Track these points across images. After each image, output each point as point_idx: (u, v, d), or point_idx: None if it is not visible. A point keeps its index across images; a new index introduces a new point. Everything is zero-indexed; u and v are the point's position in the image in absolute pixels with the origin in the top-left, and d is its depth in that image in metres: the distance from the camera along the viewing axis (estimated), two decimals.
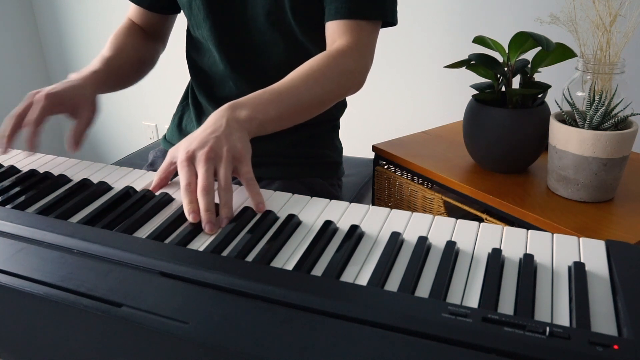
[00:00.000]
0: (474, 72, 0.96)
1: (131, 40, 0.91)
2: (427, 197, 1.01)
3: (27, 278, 0.45)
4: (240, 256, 0.49)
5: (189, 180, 0.58)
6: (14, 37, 2.29)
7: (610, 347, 0.35)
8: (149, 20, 0.95)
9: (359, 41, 0.78)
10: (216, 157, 0.60)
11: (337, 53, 0.77)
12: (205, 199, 0.56)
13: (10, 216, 0.54)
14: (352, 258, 0.49)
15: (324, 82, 0.75)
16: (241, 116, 0.65)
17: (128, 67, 0.89)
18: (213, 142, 0.60)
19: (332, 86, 0.76)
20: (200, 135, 0.62)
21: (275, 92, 0.70)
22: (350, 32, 0.78)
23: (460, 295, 0.43)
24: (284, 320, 0.39)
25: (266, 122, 0.68)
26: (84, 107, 0.73)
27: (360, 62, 0.79)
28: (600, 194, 0.83)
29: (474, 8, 1.41)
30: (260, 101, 0.68)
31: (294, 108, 0.72)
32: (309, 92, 0.73)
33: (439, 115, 1.56)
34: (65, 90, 0.71)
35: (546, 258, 0.47)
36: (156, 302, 0.41)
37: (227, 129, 0.63)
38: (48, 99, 0.69)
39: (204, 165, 0.58)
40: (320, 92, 0.75)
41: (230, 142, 0.61)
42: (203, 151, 0.59)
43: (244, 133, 0.64)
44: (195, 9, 0.86)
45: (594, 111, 0.79)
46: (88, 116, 0.74)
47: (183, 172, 0.59)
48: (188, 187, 0.57)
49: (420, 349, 0.36)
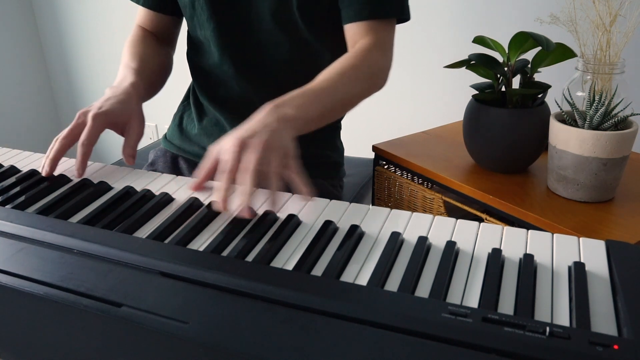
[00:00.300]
0: (474, 72, 0.96)
1: (150, 48, 0.90)
2: (427, 197, 1.01)
3: (27, 278, 0.45)
4: (240, 256, 0.49)
5: (232, 167, 0.57)
6: (14, 37, 2.29)
7: (610, 347, 0.35)
8: (159, 23, 0.94)
9: (381, 39, 0.81)
10: (268, 148, 0.59)
11: (365, 52, 0.78)
12: (245, 181, 0.55)
13: (10, 216, 0.54)
14: (352, 258, 0.49)
15: (357, 80, 0.76)
16: (288, 115, 0.65)
17: (155, 76, 0.88)
18: (264, 135, 0.60)
19: (364, 84, 0.78)
20: (249, 128, 0.61)
21: (315, 92, 0.71)
22: (373, 31, 0.80)
23: (460, 295, 0.43)
24: (284, 320, 0.39)
25: (309, 121, 0.69)
26: (133, 121, 0.72)
27: (385, 59, 0.82)
28: (600, 194, 0.83)
29: (474, 8, 1.41)
30: (303, 100, 0.69)
31: (332, 106, 0.73)
32: (345, 90, 0.75)
33: (439, 115, 1.56)
34: (113, 109, 0.70)
35: (546, 258, 0.47)
36: (156, 302, 0.41)
37: (278, 125, 0.62)
38: (98, 118, 0.68)
39: (255, 151, 0.57)
40: (354, 90, 0.77)
41: (282, 138, 0.61)
42: (257, 140, 0.59)
43: (291, 132, 0.64)
44: (199, 9, 0.86)
45: (594, 111, 0.79)
46: (138, 129, 0.73)
47: (230, 157, 0.58)
48: (224, 173, 0.57)
49: (420, 349, 0.36)
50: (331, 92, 0.73)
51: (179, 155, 0.99)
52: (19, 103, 2.37)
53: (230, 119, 0.92)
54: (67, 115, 2.53)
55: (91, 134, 0.67)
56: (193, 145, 0.96)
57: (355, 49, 0.79)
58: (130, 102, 0.73)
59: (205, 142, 0.95)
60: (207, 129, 0.94)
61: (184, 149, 0.98)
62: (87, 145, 0.66)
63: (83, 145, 0.66)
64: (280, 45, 0.86)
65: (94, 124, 0.67)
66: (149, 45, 0.90)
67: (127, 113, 0.72)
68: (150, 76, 0.86)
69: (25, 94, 2.39)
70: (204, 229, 0.55)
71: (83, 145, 0.66)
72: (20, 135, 2.41)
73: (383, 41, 0.81)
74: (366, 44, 0.79)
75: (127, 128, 0.72)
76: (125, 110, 0.72)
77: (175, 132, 1.00)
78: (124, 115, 0.72)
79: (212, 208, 0.57)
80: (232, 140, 0.59)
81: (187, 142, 0.97)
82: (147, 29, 0.95)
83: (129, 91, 0.75)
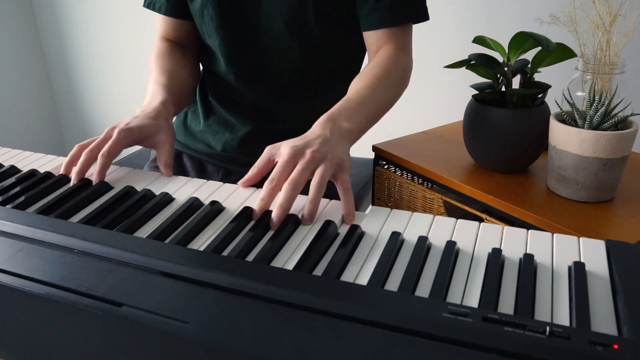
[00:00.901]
0: (474, 72, 0.96)
1: (177, 61, 0.89)
2: (427, 197, 1.01)
3: (28, 278, 0.45)
4: (241, 256, 0.49)
5: (279, 176, 0.58)
6: (14, 37, 2.29)
7: (610, 347, 0.35)
8: (180, 30, 0.93)
9: (404, 43, 0.84)
10: (321, 159, 0.60)
11: (393, 57, 0.81)
12: (287, 194, 0.56)
13: (10, 216, 0.54)
14: (352, 258, 0.49)
15: (392, 85, 0.80)
16: (343, 127, 0.67)
17: (185, 89, 0.88)
18: (320, 145, 0.61)
19: (397, 88, 0.82)
20: (307, 137, 0.62)
21: (360, 101, 0.73)
22: (396, 37, 0.83)
23: (460, 295, 0.43)
24: (284, 320, 0.39)
25: (360, 131, 0.71)
26: (163, 134, 0.73)
27: (409, 62, 0.85)
28: (600, 194, 0.83)
29: (474, 8, 1.41)
30: (352, 112, 0.71)
31: (375, 114, 0.76)
32: (384, 97, 0.78)
33: (439, 115, 1.56)
34: (140, 125, 0.71)
35: (546, 258, 0.47)
36: (156, 301, 0.41)
37: (334, 138, 0.64)
38: (122, 134, 0.68)
39: (306, 163, 0.58)
40: (391, 95, 0.80)
41: (336, 150, 0.62)
42: (311, 150, 0.60)
43: (347, 145, 0.66)
44: (207, 18, 0.85)
45: (594, 111, 0.79)
46: (170, 140, 0.74)
47: (282, 165, 0.59)
48: (272, 182, 0.57)
49: (420, 348, 0.36)
50: (372, 99, 0.75)
51: (183, 152, 0.99)
52: (19, 103, 2.37)
53: (241, 121, 0.92)
54: (67, 115, 2.53)
55: (113, 148, 0.67)
56: (198, 142, 0.97)
57: (383, 56, 0.81)
58: (159, 119, 0.74)
59: (210, 140, 0.95)
60: (213, 127, 0.94)
61: (189, 146, 0.98)
62: (107, 157, 0.66)
63: (103, 156, 0.66)
64: (290, 53, 0.86)
65: (118, 138, 0.68)
66: (175, 58, 0.89)
67: (156, 129, 0.73)
68: (181, 90, 0.85)
69: (25, 94, 2.39)
70: (204, 229, 0.55)
71: (103, 156, 0.66)
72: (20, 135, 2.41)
73: (405, 44, 0.84)
74: (392, 50, 0.82)
75: (157, 141, 0.73)
76: (153, 127, 0.72)
77: (179, 129, 1.00)
78: (151, 132, 0.72)
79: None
80: (288, 148, 0.60)
81: (192, 139, 0.97)
82: (170, 40, 0.93)
83: (159, 109, 0.76)
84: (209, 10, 0.84)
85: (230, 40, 0.86)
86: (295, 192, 0.56)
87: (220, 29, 0.85)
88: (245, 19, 0.85)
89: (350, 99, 0.73)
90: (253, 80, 0.89)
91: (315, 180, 0.58)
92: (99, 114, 2.43)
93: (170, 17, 0.91)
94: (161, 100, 0.78)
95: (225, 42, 0.86)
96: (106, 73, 2.29)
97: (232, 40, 0.86)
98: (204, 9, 0.85)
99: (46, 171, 0.68)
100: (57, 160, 0.73)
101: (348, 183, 0.61)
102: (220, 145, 0.93)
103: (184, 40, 0.94)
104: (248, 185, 0.63)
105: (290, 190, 0.56)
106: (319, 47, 0.86)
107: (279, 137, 0.95)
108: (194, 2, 0.86)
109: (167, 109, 0.77)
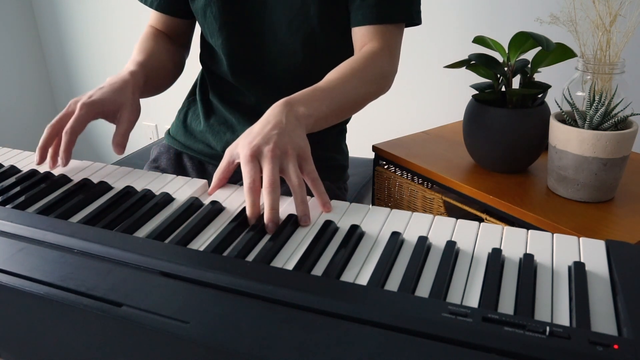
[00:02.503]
0: (474, 72, 0.96)
1: (160, 45, 0.89)
2: (427, 197, 1.01)
3: (28, 278, 0.45)
4: (241, 256, 0.49)
5: (253, 177, 0.57)
6: (14, 37, 2.29)
7: (610, 347, 0.35)
8: (172, 26, 0.93)
9: (388, 44, 0.81)
10: (282, 155, 0.59)
11: (373, 55, 0.78)
12: (271, 197, 0.55)
13: (10, 216, 0.54)
14: (352, 258, 0.49)
15: (366, 82, 0.76)
16: (299, 112, 0.65)
17: (162, 71, 0.87)
18: (277, 138, 0.59)
19: (372, 86, 0.78)
20: (262, 130, 0.61)
21: (326, 90, 0.71)
22: (380, 36, 0.80)
23: (460, 295, 0.43)
24: (284, 320, 0.39)
25: (320, 119, 0.69)
26: (125, 109, 0.71)
27: (391, 64, 0.82)
28: (600, 194, 0.83)
29: (474, 8, 1.41)
30: (314, 98, 0.69)
31: (341, 105, 0.73)
32: (354, 91, 0.75)
33: (439, 115, 1.56)
34: (104, 96, 0.69)
35: (546, 258, 0.47)
36: (156, 301, 0.41)
37: (289, 125, 0.62)
38: (85, 108, 0.67)
39: (271, 161, 0.57)
40: (363, 92, 0.76)
41: (293, 139, 0.61)
42: (269, 147, 0.58)
43: (303, 130, 0.64)
44: (210, 17, 0.85)
45: (594, 111, 0.79)
46: (130, 118, 0.72)
47: (248, 168, 0.58)
48: (252, 185, 0.56)
49: (420, 348, 0.36)
50: (340, 91, 0.73)
51: (184, 153, 0.99)
52: (19, 103, 2.37)
53: (242, 121, 0.92)
54: None
55: (76, 123, 0.66)
56: (198, 142, 0.96)
57: (363, 52, 0.79)
58: (124, 91, 0.72)
59: (210, 140, 0.95)
60: (213, 127, 0.94)
61: (189, 146, 0.97)
62: (71, 133, 0.65)
63: (66, 134, 0.65)
64: (293, 54, 0.86)
65: (81, 113, 0.67)
66: (158, 42, 0.89)
67: (120, 102, 0.71)
68: (157, 70, 0.84)
69: (25, 94, 2.39)
70: (204, 229, 0.55)
71: (66, 134, 0.65)
72: (20, 135, 2.41)
73: (391, 46, 0.81)
74: (373, 48, 0.79)
75: (119, 116, 0.71)
76: (117, 99, 0.71)
77: (179, 129, 0.99)
78: (115, 104, 0.70)
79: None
80: (246, 148, 0.59)
81: (192, 139, 0.97)
82: (159, 29, 0.94)
83: (126, 79, 0.74)
84: (212, 10, 0.84)
85: (233, 41, 0.86)
86: (278, 192, 0.56)
87: (223, 29, 0.85)
88: (249, 19, 0.84)
89: (317, 87, 0.71)
90: (255, 81, 0.89)
91: (294, 182, 0.57)
92: None
93: (161, 13, 0.91)
94: (130, 71, 0.76)
95: (228, 42, 0.86)
96: (106, 73, 2.29)
97: (235, 40, 0.86)
98: (207, 8, 0.84)
99: (46, 171, 0.68)
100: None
101: (315, 172, 0.60)
102: (221, 145, 0.93)
103: (173, 34, 0.94)
104: (213, 192, 0.63)
105: (272, 192, 0.55)
106: (321, 46, 0.86)
107: None
108: (195, 0, 0.85)
109: (134, 80, 0.75)
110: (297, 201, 0.56)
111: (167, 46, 0.90)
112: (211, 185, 0.63)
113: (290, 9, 0.82)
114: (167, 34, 0.94)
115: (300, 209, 0.56)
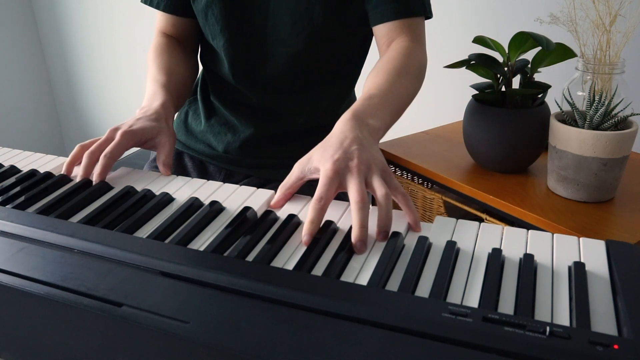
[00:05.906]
0: (474, 72, 0.96)
1: (176, 58, 0.88)
2: (427, 197, 1.01)
3: (28, 278, 0.45)
4: (241, 256, 0.49)
5: (327, 194, 0.54)
6: (14, 37, 2.29)
7: (610, 347, 0.35)
8: (180, 27, 0.92)
9: (418, 36, 0.81)
10: (367, 170, 0.56)
11: (407, 50, 0.78)
12: (362, 213, 0.52)
13: (10, 216, 0.54)
14: (352, 258, 0.49)
15: (411, 78, 0.76)
16: (371, 126, 0.64)
17: (183, 87, 0.87)
18: (359, 153, 0.57)
19: (418, 82, 0.78)
20: (342, 145, 0.58)
21: (383, 97, 0.70)
22: (408, 29, 0.80)
23: (460, 295, 0.43)
24: (284, 320, 0.39)
25: (385, 129, 0.68)
26: (162, 135, 0.73)
27: (424, 55, 0.82)
28: (600, 194, 0.83)
29: (474, 8, 1.41)
30: (377, 109, 0.67)
31: (399, 109, 0.73)
32: (405, 91, 0.74)
33: (439, 115, 1.56)
34: (143, 127, 0.71)
35: (546, 258, 0.47)
36: (156, 301, 0.41)
37: (365, 140, 0.60)
38: (126, 136, 0.68)
39: (357, 176, 0.55)
40: (412, 89, 0.76)
41: (373, 155, 0.59)
42: (354, 164, 0.56)
43: (377, 144, 0.63)
44: (212, 19, 0.84)
45: (594, 111, 0.79)
46: (170, 141, 0.73)
47: (327, 182, 0.55)
48: (319, 202, 0.53)
49: (420, 348, 0.36)
50: (394, 94, 0.72)
51: (184, 152, 0.99)
52: (19, 103, 2.37)
53: (243, 122, 0.92)
54: (67, 115, 2.53)
55: (115, 149, 0.67)
56: (198, 142, 0.96)
57: (397, 48, 0.78)
58: (159, 121, 0.74)
59: (211, 140, 0.95)
60: (214, 127, 0.94)
61: (190, 146, 0.97)
62: (109, 158, 0.66)
63: (105, 157, 0.66)
64: (296, 55, 0.85)
65: (121, 140, 0.68)
66: (173, 54, 0.89)
67: (157, 131, 0.73)
68: (178, 88, 0.85)
69: (25, 94, 2.40)
70: (204, 229, 0.55)
71: (105, 157, 0.66)
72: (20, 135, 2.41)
73: (420, 38, 0.82)
74: (405, 42, 0.79)
75: (158, 142, 0.73)
76: (154, 129, 0.73)
77: (180, 128, 1.00)
78: (153, 133, 0.73)
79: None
80: (329, 162, 0.56)
81: (193, 139, 0.97)
82: (169, 35, 0.93)
83: (159, 111, 0.76)
84: (214, 11, 0.83)
85: (236, 43, 0.85)
86: (368, 209, 0.53)
87: (225, 31, 0.84)
88: (252, 21, 0.84)
89: (373, 95, 0.69)
90: (256, 82, 0.89)
91: (382, 192, 0.54)
92: (99, 113, 2.43)
93: (169, 14, 0.91)
94: (161, 102, 0.77)
95: (230, 44, 0.85)
96: (106, 73, 2.29)
97: (237, 42, 0.85)
98: (209, 10, 0.84)
99: (46, 171, 0.68)
100: (57, 160, 0.73)
101: (401, 187, 0.58)
102: (222, 146, 0.93)
103: (183, 36, 0.93)
104: (280, 206, 0.59)
105: (362, 208, 0.52)
106: (324, 47, 0.85)
107: (281, 139, 0.94)
108: (197, 1, 0.85)
109: (166, 111, 0.77)
110: (381, 214, 0.53)
111: (181, 56, 0.90)
112: (275, 199, 0.60)
113: (295, 10, 0.81)
114: (177, 39, 0.93)
115: (384, 222, 0.52)
